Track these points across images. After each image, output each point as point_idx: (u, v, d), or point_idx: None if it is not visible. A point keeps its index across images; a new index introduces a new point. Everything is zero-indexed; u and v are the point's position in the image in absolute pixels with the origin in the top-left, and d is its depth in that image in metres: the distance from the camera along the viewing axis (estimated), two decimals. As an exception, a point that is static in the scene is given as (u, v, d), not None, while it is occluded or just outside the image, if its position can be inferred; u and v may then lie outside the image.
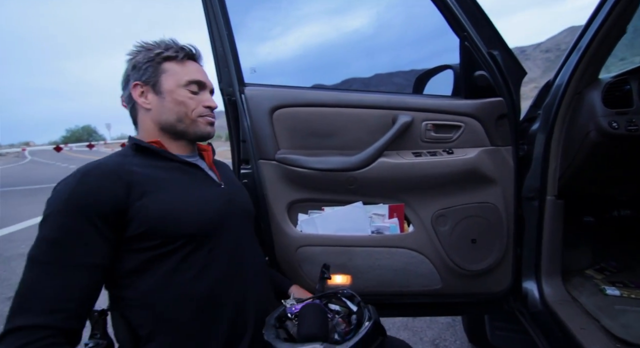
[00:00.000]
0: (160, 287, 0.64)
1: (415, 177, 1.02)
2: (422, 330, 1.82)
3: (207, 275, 0.67)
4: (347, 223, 1.03)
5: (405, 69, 1.56)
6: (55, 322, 0.54)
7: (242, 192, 0.87)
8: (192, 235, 0.66)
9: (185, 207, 0.67)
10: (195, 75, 0.77)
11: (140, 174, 0.66)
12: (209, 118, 0.78)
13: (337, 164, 1.00)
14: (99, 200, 0.60)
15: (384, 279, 1.04)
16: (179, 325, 0.65)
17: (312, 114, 1.03)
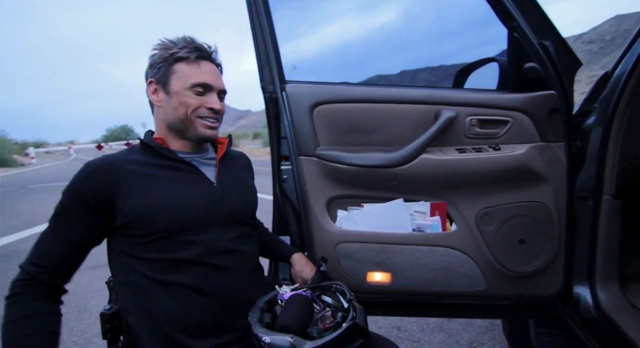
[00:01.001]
0: (141, 271, 0.71)
1: (459, 174, 0.99)
2: (458, 333, 1.77)
3: (185, 268, 0.72)
4: (387, 220, 1.02)
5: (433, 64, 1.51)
6: (34, 273, 0.68)
7: (240, 192, 0.85)
8: (168, 231, 0.71)
9: (164, 205, 0.72)
10: (202, 78, 0.77)
11: (131, 170, 0.73)
12: (209, 121, 0.79)
13: (378, 160, 0.99)
14: (86, 191, 0.70)
15: (425, 278, 1.02)
16: (154, 307, 0.70)
17: (352, 110, 1.03)
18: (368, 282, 1.04)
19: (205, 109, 0.78)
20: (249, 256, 0.82)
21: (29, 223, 4.40)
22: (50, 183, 9.35)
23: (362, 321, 0.68)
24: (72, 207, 0.70)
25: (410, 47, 35.26)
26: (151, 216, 0.70)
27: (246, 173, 0.94)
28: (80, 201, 0.70)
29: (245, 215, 0.84)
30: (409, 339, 1.73)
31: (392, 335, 1.75)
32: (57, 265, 0.70)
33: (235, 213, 0.81)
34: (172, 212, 0.72)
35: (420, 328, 1.82)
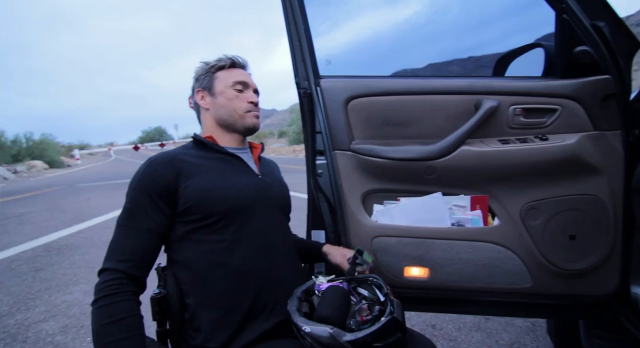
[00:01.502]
0: (198, 254, 0.77)
1: (502, 166, 0.95)
2: (497, 333, 1.70)
3: (237, 249, 0.78)
4: (425, 214, 1.00)
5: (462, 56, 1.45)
6: (125, 268, 0.71)
7: (279, 186, 0.95)
8: (224, 213, 0.78)
9: (220, 189, 0.79)
10: (239, 77, 0.91)
11: (190, 162, 0.81)
12: (255, 112, 0.92)
13: (415, 153, 0.97)
14: (156, 182, 0.77)
15: (465, 274, 0.99)
16: (210, 288, 0.76)
17: (388, 103, 1.02)
18: (405, 277, 1.02)
19: (247, 103, 0.90)
20: (291, 243, 0.89)
21: (77, 220, 4.74)
22: (94, 183, 10.03)
23: (400, 315, 0.68)
24: (144, 198, 0.76)
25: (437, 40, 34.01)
26: (208, 200, 0.77)
27: (280, 176, 1.03)
28: (151, 191, 0.76)
29: (285, 206, 0.94)
30: (445, 338, 1.68)
31: (427, 333, 1.72)
32: (144, 256, 0.74)
33: (278, 202, 0.90)
34: (226, 196, 0.79)
35: (456, 327, 1.77)
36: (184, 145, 0.89)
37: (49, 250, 3.43)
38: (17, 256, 3.28)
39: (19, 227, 4.55)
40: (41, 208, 6.00)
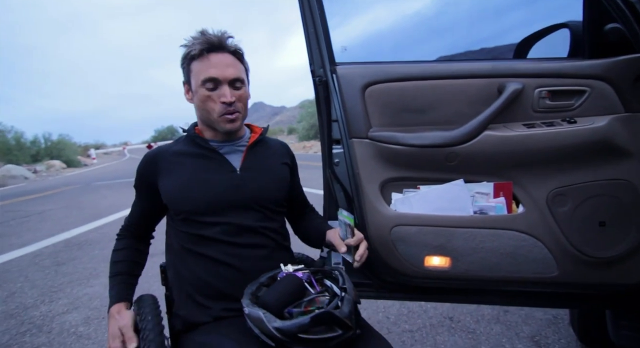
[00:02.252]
0: (176, 240, 0.87)
1: (527, 151, 0.92)
2: (518, 325, 1.67)
3: (206, 242, 0.83)
4: (446, 202, 0.97)
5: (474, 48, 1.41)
6: (130, 226, 0.94)
7: (261, 179, 0.90)
8: (191, 211, 0.84)
9: (190, 189, 0.84)
10: (208, 73, 0.81)
11: (169, 160, 0.87)
12: (228, 116, 0.84)
13: (436, 139, 0.94)
14: (141, 177, 0.89)
15: (488, 263, 0.96)
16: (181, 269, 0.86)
17: (406, 89, 0.99)
18: (425, 267, 1.00)
19: (220, 105, 0.83)
20: (269, 237, 0.88)
21: (95, 216, 4.87)
22: (110, 181, 10.26)
23: (344, 312, 0.67)
24: (137, 185, 0.92)
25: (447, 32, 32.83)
26: (179, 198, 0.84)
27: (278, 161, 0.97)
28: (139, 182, 0.91)
29: (266, 200, 0.90)
30: (463, 330, 1.66)
31: (444, 326, 1.70)
32: (138, 224, 0.95)
33: (255, 199, 0.88)
34: (194, 198, 0.83)
35: (474, 319, 1.74)
36: (177, 139, 0.95)
37: (70, 245, 3.53)
38: (39, 251, 3.39)
39: (40, 224, 4.70)
40: (61, 206, 6.18)
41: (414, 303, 1.93)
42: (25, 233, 4.22)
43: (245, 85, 0.88)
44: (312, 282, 0.80)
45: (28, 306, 2.20)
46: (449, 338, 1.60)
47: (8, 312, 2.13)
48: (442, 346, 1.55)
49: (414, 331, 1.68)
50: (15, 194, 8.85)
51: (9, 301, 2.29)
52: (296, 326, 0.65)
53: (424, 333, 1.65)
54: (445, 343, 1.57)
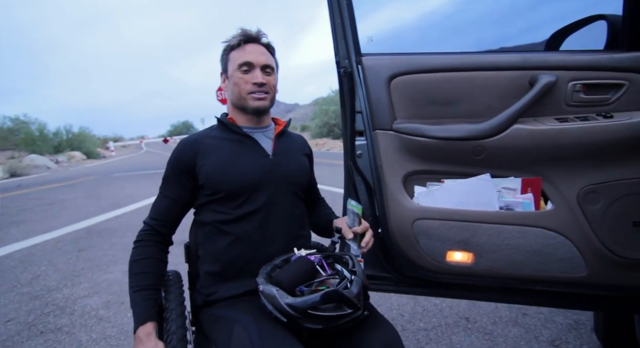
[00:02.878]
0: (209, 219, 0.92)
1: (559, 147, 0.89)
2: (537, 328, 1.63)
3: (239, 221, 0.89)
4: (472, 197, 0.95)
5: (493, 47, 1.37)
6: (154, 225, 0.91)
7: (292, 165, 0.98)
8: (228, 191, 0.89)
9: (226, 171, 0.89)
10: (244, 58, 0.91)
11: (208, 144, 0.93)
12: (257, 94, 0.92)
13: (463, 132, 0.92)
14: (179, 161, 0.92)
15: (513, 260, 0.94)
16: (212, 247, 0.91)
17: (433, 80, 0.97)
18: (447, 262, 0.98)
19: (251, 85, 0.91)
20: (294, 220, 0.95)
21: (114, 206, 5.01)
22: (128, 173, 10.53)
23: (353, 292, 0.72)
24: (171, 173, 0.93)
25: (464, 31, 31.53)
26: (217, 179, 0.89)
27: (300, 153, 1.05)
28: (176, 168, 0.92)
29: (295, 185, 0.97)
30: (480, 331, 1.63)
31: (461, 326, 1.67)
32: (166, 218, 0.93)
33: (286, 182, 0.94)
34: (232, 178, 0.89)
35: (491, 321, 1.71)
36: (211, 127, 1.01)
37: (90, 232, 3.64)
38: (61, 237, 3.51)
39: (62, 211, 4.87)
40: (81, 195, 6.38)
41: (429, 302, 1.90)
42: (48, 220, 4.38)
43: (274, 73, 0.97)
44: (323, 265, 0.84)
45: (51, 288, 2.29)
46: (465, 339, 1.57)
47: (33, 294, 2.22)
48: (457, 346, 1.53)
49: (428, 330, 1.66)
50: (39, 183, 9.19)
51: (34, 283, 2.39)
52: (307, 303, 0.69)
53: (439, 333, 1.63)
54: (461, 344, 1.54)
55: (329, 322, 0.71)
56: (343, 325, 0.72)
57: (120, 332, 1.74)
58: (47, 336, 1.72)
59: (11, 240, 3.48)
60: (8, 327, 1.82)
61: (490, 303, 1.86)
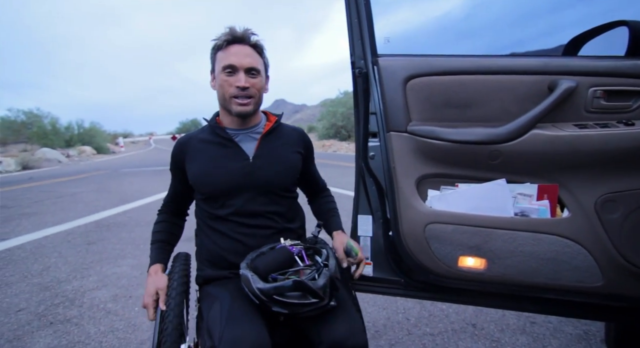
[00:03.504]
0: (200, 215, 1.04)
1: (577, 153, 0.87)
2: (545, 338, 1.60)
3: (222, 220, 0.98)
4: (486, 202, 0.94)
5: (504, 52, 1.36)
6: (164, 202, 1.10)
7: (272, 167, 1.00)
8: (209, 194, 0.99)
9: (209, 174, 0.97)
10: (228, 60, 0.93)
11: (194, 147, 1.01)
12: (240, 99, 0.95)
13: (479, 135, 0.91)
14: (175, 159, 1.03)
15: (526, 267, 0.93)
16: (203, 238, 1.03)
17: (450, 83, 0.96)
18: (459, 267, 0.97)
19: (235, 88, 0.94)
20: (275, 217, 1.00)
21: (123, 200, 5.07)
22: (137, 169, 10.65)
23: (317, 284, 0.79)
24: (172, 168, 1.05)
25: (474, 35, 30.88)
26: (199, 183, 0.99)
27: (290, 150, 1.06)
28: (173, 164, 1.04)
29: (274, 187, 1.01)
30: (487, 338, 1.61)
31: (467, 332, 1.65)
32: (173, 202, 1.10)
33: (263, 185, 0.99)
34: (212, 182, 0.97)
35: (499, 328, 1.68)
36: (202, 127, 1.07)
37: (99, 226, 3.69)
38: (72, 230, 3.57)
39: (72, 205, 4.95)
40: (91, 189, 6.48)
41: (436, 307, 1.89)
42: (59, 212, 4.45)
43: (260, 76, 0.98)
44: (302, 256, 0.91)
45: (61, 280, 2.32)
46: (472, 345, 1.55)
47: (43, 284, 2.25)
48: (464, 352, 1.51)
49: (435, 335, 1.64)
50: (50, 176, 9.35)
51: (44, 274, 2.43)
52: (273, 288, 0.78)
53: (445, 338, 1.61)
54: (467, 350, 1.52)
55: (294, 308, 0.79)
56: (308, 312, 0.79)
57: (128, 325, 1.76)
58: (57, 327, 1.75)
59: (22, 231, 3.55)
60: (19, 316, 1.86)
61: (497, 311, 1.83)
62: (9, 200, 5.49)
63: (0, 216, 4.28)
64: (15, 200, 5.47)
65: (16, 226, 3.77)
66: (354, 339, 0.78)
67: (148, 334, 1.66)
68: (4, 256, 2.83)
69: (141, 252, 2.83)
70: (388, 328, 1.70)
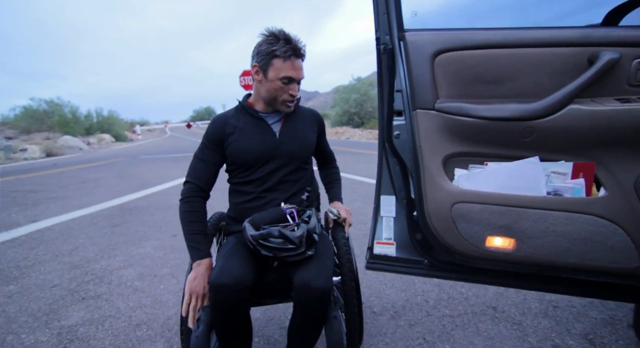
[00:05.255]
0: (232, 181, 1.23)
1: (618, 129, 0.83)
2: (569, 321, 1.58)
3: (250, 184, 1.17)
4: (517, 180, 0.91)
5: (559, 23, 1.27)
6: (195, 182, 1.15)
7: (294, 141, 1.19)
8: (242, 164, 1.17)
9: (243, 148, 1.15)
10: (289, 73, 1.09)
11: (233, 124, 1.17)
12: (290, 103, 1.16)
13: (512, 111, 0.88)
14: (213, 135, 1.17)
15: (557, 248, 0.90)
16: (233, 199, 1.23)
17: (482, 57, 0.92)
18: (487, 247, 0.96)
19: (287, 95, 1.13)
20: (293, 185, 1.19)
21: (142, 186, 5.21)
22: (154, 155, 10.89)
23: (293, 234, 0.98)
24: (209, 143, 1.18)
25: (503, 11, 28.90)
26: (236, 156, 1.16)
27: (308, 128, 1.25)
28: (212, 139, 1.18)
29: (295, 159, 1.19)
30: (508, 321, 1.60)
31: (487, 314, 1.65)
32: (204, 177, 1.16)
33: (287, 157, 1.17)
34: (246, 154, 1.15)
35: (520, 312, 1.67)
36: (234, 107, 1.23)
37: (122, 210, 3.82)
38: (96, 213, 3.71)
39: (95, 190, 5.13)
40: (112, 175, 6.68)
41: (455, 290, 1.88)
42: (83, 196, 4.62)
43: None
44: (294, 216, 1.09)
45: (90, 259, 2.43)
46: (493, 327, 1.55)
47: (73, 263, 2.37)
48: (485, 333, 1.51)
49: (454, 316, 1.65)
50: (73, 162, 9.68)
51: (74, 254, 2.54)
52: (259, 235, 0.98)
53: (465, 320, 1.61)
54: (488, 332, 1.52)
55: (276, 252, 0.97)
56: (288, 257, 0.97)
57: (154, 301, 1.83)
58: (89, 302, 1.84)
59: (51, 214, 3.71)
60: (53, 292, 1.96)
61: (518, 294, 1.82)
62: (36, 185, 5.73)
63: (30, 200, 4.48)
64: (42, 185, 5.71)
65: (45, 209, 3.94)
66: (318, 281, 0.92)
67: (174, 310, 1.73)
68: (35, 237, 2.97)
69: (162, 234, 2.92)
70: (407, 310, 1.71)
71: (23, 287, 2.03)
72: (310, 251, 0.99)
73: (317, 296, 0.92)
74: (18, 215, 3.69)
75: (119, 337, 1.53)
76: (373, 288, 1.94)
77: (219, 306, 0.93)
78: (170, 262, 2.34)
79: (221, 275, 0.92)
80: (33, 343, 1.51)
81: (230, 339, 1.01)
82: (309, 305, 0.94)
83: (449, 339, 1.48)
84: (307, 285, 0.92)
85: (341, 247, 1.16)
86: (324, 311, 0.97)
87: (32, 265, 2.34)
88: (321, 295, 0.93)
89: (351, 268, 1.11)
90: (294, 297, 0.96)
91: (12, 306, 1.82)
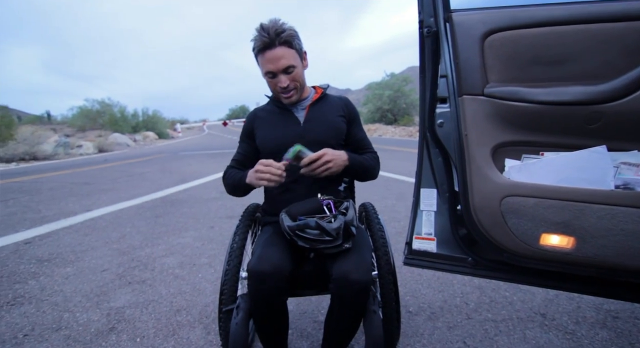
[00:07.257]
0: None
1: None
2: (632, 335, 1.42)
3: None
4: (579, 172, 0.82)
5: None
6: (232, 163, 1.27)
7: (319, 128, 1.20)
8: (270, 152, 1.17)
9: (270, 137, 1.21)
10: (267, 67, 1.10)
11: (261, 117, 1.26)
12: (285, 95, 1.16)
13: (576, 94, 0.79)
14: (244, 128, 1.29)
15: (625, 248, 0.80)
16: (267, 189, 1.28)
17: (540, 36, 0.84)
18: (541, 246, 0.87)
19: (279, 87, 1.14)
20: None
21: (183, 180, 5.48)
22: (194, 152, 11.43)
23: (331, 226, 0.95)
24: (242, 135, 1.30)
25: None
26: (264, 144, 1.22)
27: (335, 114, 1.25)
28: (243, 132, 1.29)
29: (322, 144, 1.14)
30: (560, 329, 1.47)
31: (536, 321, 1.52)
32: (241, 162, 1.27)
33: (313, 144, 1.12)
34: (273, 143, 1.19)
35: (573, 320, 1.53)
36: (268, 101, 1.30)
37: (165, 202, 4.04)
38: (142, 204, 3.95)
39: (141, 183, 5.47)
40: (155, 170, 7.10)
41: (497, 293, 1.77)
42: (130, 189, 4.95)
43: (297, 67, 1.12)
44: (330, 207, 1.09)
45: (136, 247, 2.59)
46: (542, 335, 1.43)
47: (121, 250, 2.53)
48: (533, 341, 1.40)
49: (497, 321, 1.54)
50: (122, 158, 10.44)
51: (122, 241, 2.73)
52: (296, 226, 0.98)
53: (510, 325, 1.50)
54: (537, 339, 1.41)
55: (313, 243, 0.95)
56: (325, 249, 0.95)
57: (193, 289, 1.91)
58: (134, 286, 1.96)
59: (102, 204, 4.01)
60: (104, 275, 2.11)
61: (571, 302, 1.66)
62: (90, 177, 6.24)
63: (84, 191, 4.89)
64: (94, 177, 6.21)
65: (97, 200, 4.27)
66: (357, 274, 0.90)
67: (211, 298, 1.79)
68: (89, 224, 3.23)
69: (201, 225, 3.04)
70: (445, 311, 1.63)
71: (78, 269, 2.21)
72: (348, 244, 0.97)
73: (356, 289, 0.90)
74: (75, 205, 4.03)
75: (161, 321, 1.61)
76: (408, 287, 1.87)
77: (258, 293, 0.93)
78: (208, 252, 2.43)
79: (260, 263, 0.92)
80: (86, 321, 1.63)
81: (268, 328, 1.02)
82: (348, 298, 0.92)
83: (492, 345, 1.38)
84: (345, 278, 0.90)
85: (377, 239, 1.12)
86: (363, 305, 0.94)
87: (86, 251, 2.54)
88: (360, 288, 0.90)
89: (388, 261, 1.06)
90: (332, 290, 0.94)
91: (69, 286, 1.98)
